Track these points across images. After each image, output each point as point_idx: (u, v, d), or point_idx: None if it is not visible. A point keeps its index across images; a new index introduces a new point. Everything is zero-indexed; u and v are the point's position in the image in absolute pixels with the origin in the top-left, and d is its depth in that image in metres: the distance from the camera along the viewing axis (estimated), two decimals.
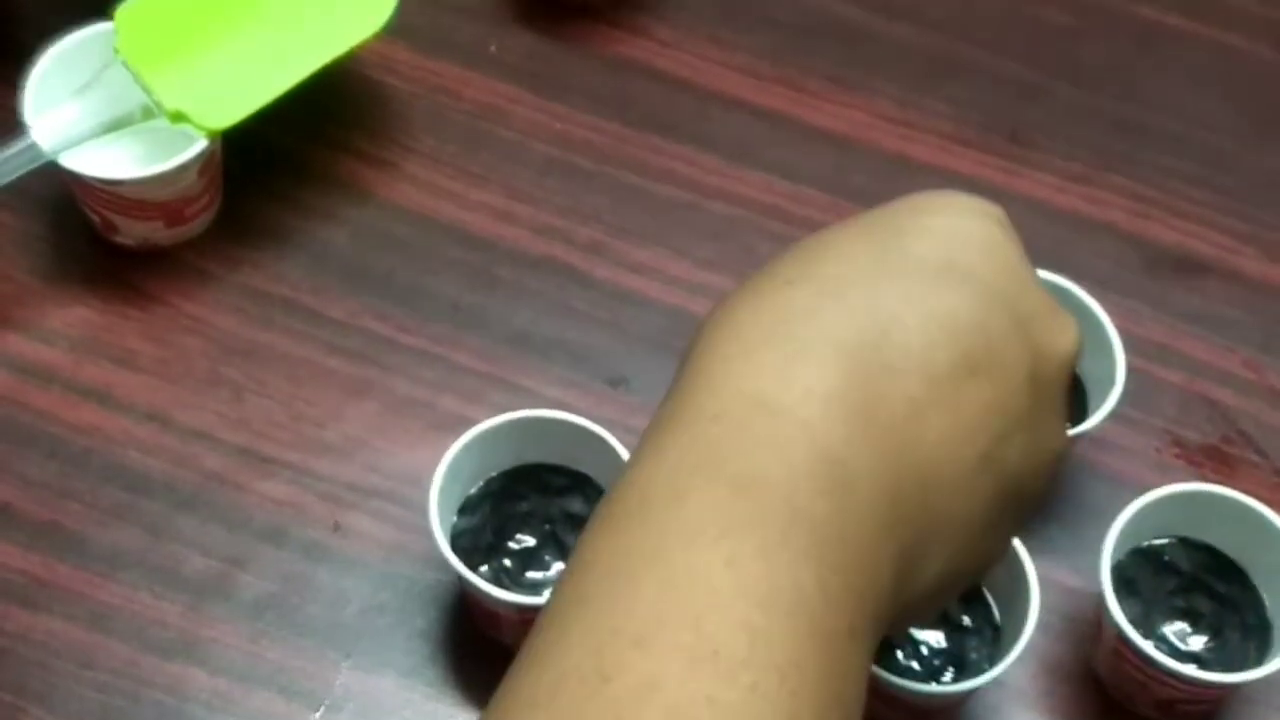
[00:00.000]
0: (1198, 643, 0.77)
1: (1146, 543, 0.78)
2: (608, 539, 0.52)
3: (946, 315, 0.56)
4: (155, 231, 0.87)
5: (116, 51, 0.84)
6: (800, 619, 0.50)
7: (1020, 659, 0.74)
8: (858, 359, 0.54)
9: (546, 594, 0.76)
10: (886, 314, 0.55)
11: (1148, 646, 0.74)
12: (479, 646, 0.79)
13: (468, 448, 0.77)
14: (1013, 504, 0.58)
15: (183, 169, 0.84)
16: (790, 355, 0.54)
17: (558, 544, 0.78)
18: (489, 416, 0.78)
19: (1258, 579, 0.78)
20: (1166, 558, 0.79)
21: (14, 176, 0.83)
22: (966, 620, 0.77)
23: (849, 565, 0.51)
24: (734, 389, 0.54)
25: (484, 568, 0.77)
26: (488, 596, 0.74)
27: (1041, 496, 0.60)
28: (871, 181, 0.92)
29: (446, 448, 0.76)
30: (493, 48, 0.95)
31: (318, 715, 0.78)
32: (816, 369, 0.53)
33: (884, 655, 0.76)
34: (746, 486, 0.51)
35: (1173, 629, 0.78)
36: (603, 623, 0.49)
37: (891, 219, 0.59)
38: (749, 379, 0.54)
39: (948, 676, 0.76)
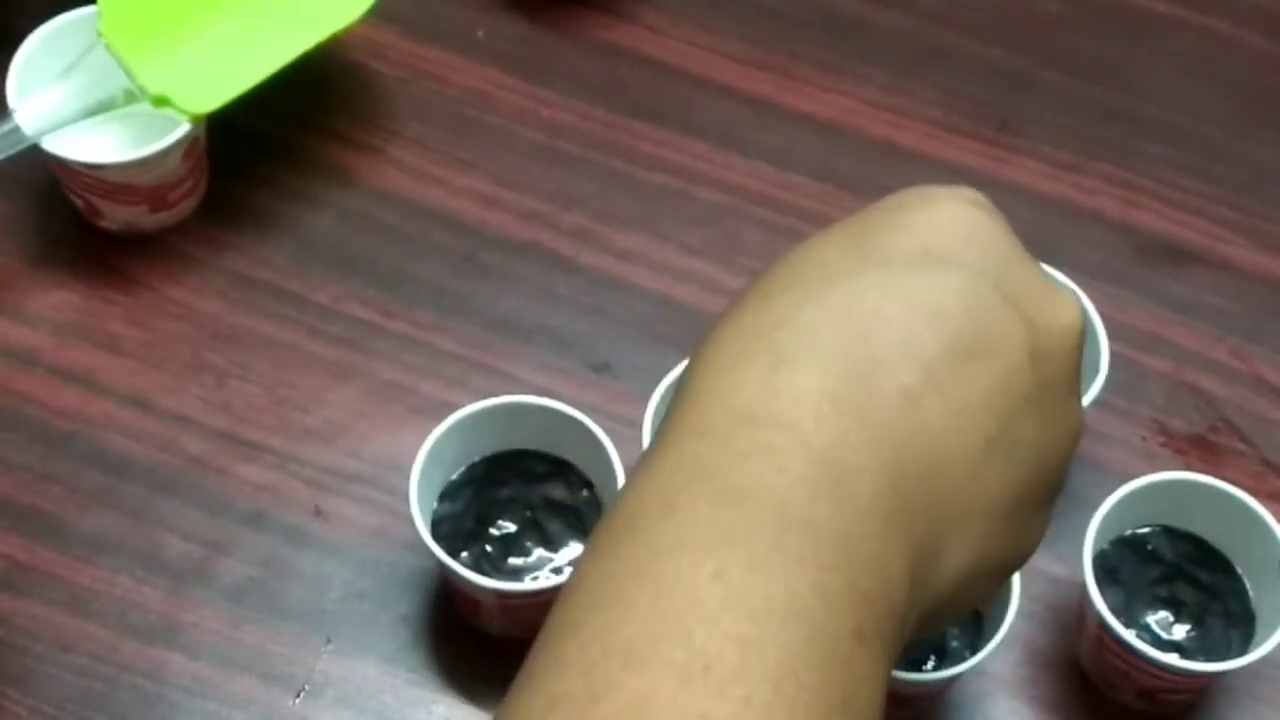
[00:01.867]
0: (1180, 632, 0.77)
1: (1130, 531, 0.78)
2: (598, 561, 0.52)
3: (930, 302, 0.55)
4: (139, 216, 0.87)
5: (100, 35, 0.83)
6: (795, 626, 0.49)
7: (1003, 647, 0.74)
8: (844, 357, 0.54)
9: (528, 580, 0.76)
10: (868, 309, 0.55)
11: (1129, 635, 0.74)
12: (460, 632, 0.79)
13: (450, 433, 0.77)
14: (1034, 486, 0.57)
15: (166, 153, 0.83)
16: (774, 365, 0.53)
17: (539, 530, 0.77)
18: (472, 402, 0.77)
19: (1241, 568, 0.78)
20: (1150, 546, 0.78)
21: None
22: None
23: (851, 565, 0.51)
24: (719, 404, 0.53)
25: (465, 553, 0.76)
26: (468, 582, 0.74)
27: (1063, 475, 0.59)
28: (859, 168, 0.92)
29: (429, 433, 0.76)
30: (480, 33, 0.95)
31: (298, 700, 0.78)
32: (802, 374, 0.53)
33: None
34: (735, 498, 0.51)
35: (1155, 618, 0.77)
36: (594, 644, 0.49)
37: (868, 219, 0.58)
38: (734, 394, 0.53)
39: (929, 664, 0.75)
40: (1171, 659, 0.74)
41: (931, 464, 0.54)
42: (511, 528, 0.77)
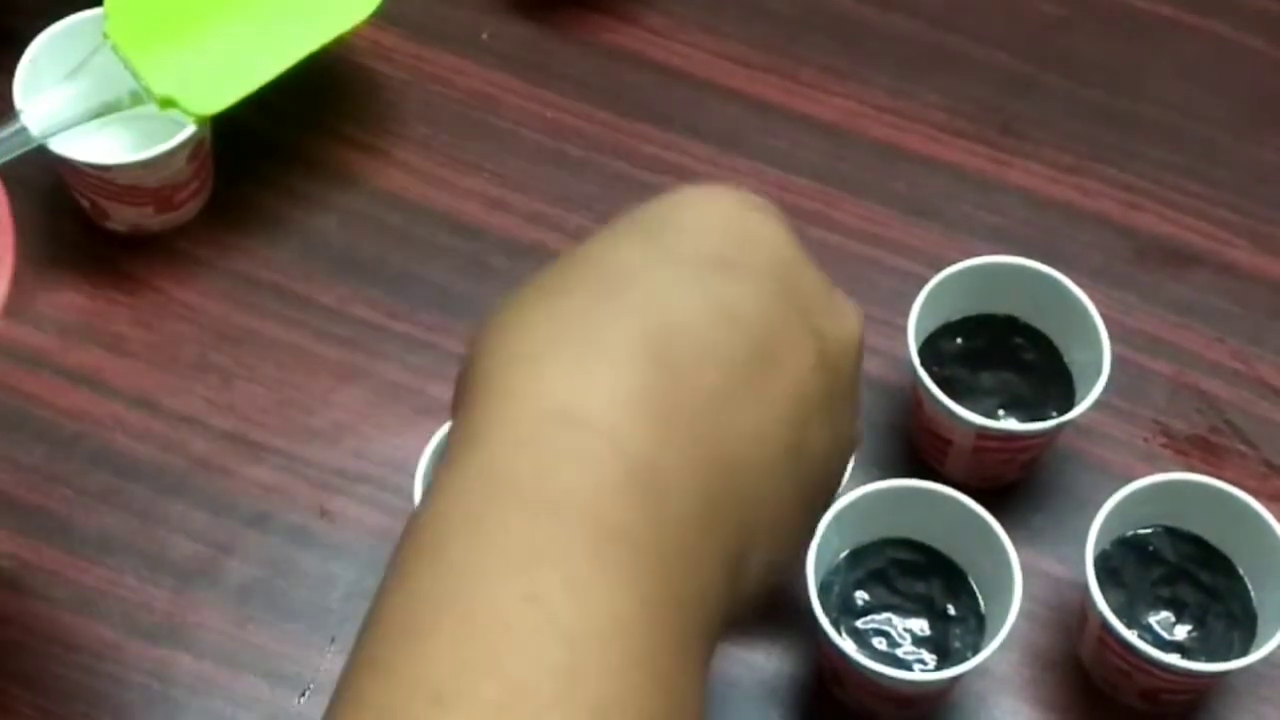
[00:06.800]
0: (1182, 632, 0.77)
1: (1132, 532, 0.78)
2: (400, 587, 0.48)
3: (728, 306, 0.53)
4: (146, 217, 0.87)
5: (106, 36, 0.84)
6: (614, 647, 0.46)
7: (1005, 648, 0.74)
8: (650, 356, 0.51)
9: None
10: (669, 309, 0.52)
11: (1131, 636, 0.74)
12: None
13: None
14: (819, 494, 0.57)
15: (171, 154, 0.84)
16: (579, 359, 0.50)
17: None
18: None
19: (1243, 569, 0.78)
20: (1152, 547, 0.79)
21: (3, 160, 0.83)
22: (951, 609, 0.77)
23: (671, 575, 0.48)
24: (522, 405, 0.50)
25: None
26: None
27: (837, 483, 0.59)
28: (862, 171, 0.92)
29: (434, 434, 0.76)
30: (485, 36, 0.95)
31: (302, 700, 0.78)
32: (611, 371, 0.50)
33: (867, 644, 0.76)
34: (549, 510, 0.48)
35: (1157, 618, 0.78)
36: (398, 682, 0.45)
37: (652, 216, 0.55)
38: (541, 395, 0.50)
39: (931, 664, 0.76)
40: (1173, 659, 0.74)
41: (735, 466, 0.52)
42: None
